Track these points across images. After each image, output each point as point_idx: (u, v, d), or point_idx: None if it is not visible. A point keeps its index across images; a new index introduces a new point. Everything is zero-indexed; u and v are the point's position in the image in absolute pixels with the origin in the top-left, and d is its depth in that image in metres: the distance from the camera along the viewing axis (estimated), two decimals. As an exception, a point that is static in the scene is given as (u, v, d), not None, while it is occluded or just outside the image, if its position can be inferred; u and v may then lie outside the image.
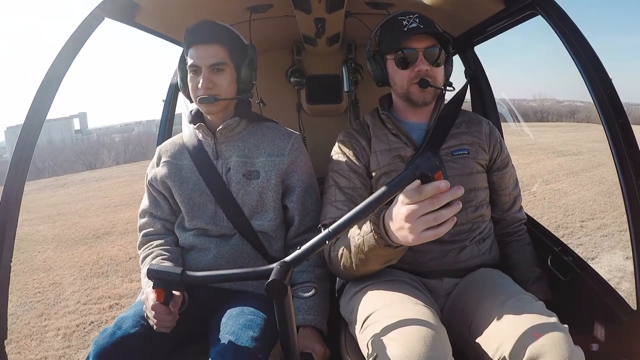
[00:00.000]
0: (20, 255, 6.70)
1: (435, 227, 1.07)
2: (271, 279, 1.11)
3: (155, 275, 1.30)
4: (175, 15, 2.11)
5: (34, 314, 4.53)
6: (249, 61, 1.74)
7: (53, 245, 7.28)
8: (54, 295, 5.01)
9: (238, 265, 1.70)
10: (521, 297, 1.36)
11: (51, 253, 6.81)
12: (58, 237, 7.86)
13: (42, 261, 6.42)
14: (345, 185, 1.72)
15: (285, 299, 1.13)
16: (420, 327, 1.18)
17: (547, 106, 52.09)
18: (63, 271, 5.82)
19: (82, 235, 7.73)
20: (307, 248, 1.18)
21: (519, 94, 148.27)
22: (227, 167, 1.75)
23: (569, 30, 1.45)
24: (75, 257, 6.39)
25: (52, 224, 9.15)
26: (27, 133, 1.51)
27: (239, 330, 1.45)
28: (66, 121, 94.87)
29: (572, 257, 1.79)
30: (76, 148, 43.77)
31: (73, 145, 53.69)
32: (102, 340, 1.45)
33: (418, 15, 1.65)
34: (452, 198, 1.05)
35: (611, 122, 1.35)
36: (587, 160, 10.68)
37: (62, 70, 1.58)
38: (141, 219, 1.89)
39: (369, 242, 1.28)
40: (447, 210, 1.05)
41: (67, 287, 5.22)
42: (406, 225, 1.11)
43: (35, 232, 8.50)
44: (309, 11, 2.00)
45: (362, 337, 1.34)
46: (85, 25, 1.61)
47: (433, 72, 1.64)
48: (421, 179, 1.13)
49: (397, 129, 1.74)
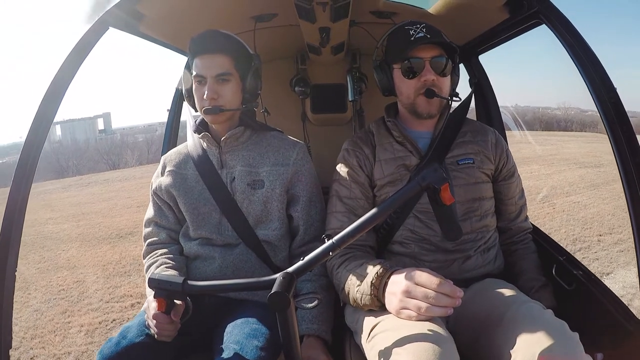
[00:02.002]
0: (45, 253, 6.87)
1: (413, 312, 1.22)
2: (273, 291, 1.11)
3: (156, 284, 1.30)
4: (180, 25, 2.12)
5: (58, 310, 4.63)
6: (254, 71, 1.73)
7: (77, 244, 7.38)
8: (78, 292, 5.10)
9: (242, 274, 1.70)
10: (531, 305, 1.34)
11: (75, 252, 6.90)
12: (82, 236, 7.98)
13: (66, 259, 6.52)
14: (346, 195, 1.73)
15: (288, 310, 1.13)
16: (428, 337, 1.17)
17: (571, 115, 51.19)
18: (86, 269, 5.91)
19: (106, 235, 7.83)
20: (310, 259, 1.18)
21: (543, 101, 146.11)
22: (231, 177, 1.75)
23: (573, 39, 1.45)
24: (98, 256, 6.49)
25: (76, 222, 9.30)
26: (31, 141, 1.52)
27: (243, 340, 1.45)
28: (90, 121, 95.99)
29: (577, 267, 1.79)
30: (100, 148, 44.11)
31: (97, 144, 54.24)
32: (108, 349, 1.46)
33: (425, 25, 1.65)
34: (451, 304, 1.16)
35: (616, 131, 1.35)
36: (609, 173, 10.50)
37: (66, 80, 1.58)
38: (146, 228, 1.89)
39: (365, 301, 1.39)
40: (437, 308, 1.18)
41: (91, 285, 5.32)
42: (398, 296, 1.24)
43: (60, 230, 8.65)
44: (313, 20, 2.00)
45: (369, 346, 1.33)
46: (89, 34, 1.62)
47: (439, 82, 1.64)
48: (427, 190, 1.17)
49: (403, 136, 1.74)
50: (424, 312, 1.19)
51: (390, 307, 1.29)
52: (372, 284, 1.34)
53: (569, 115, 51.13)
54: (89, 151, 43.54)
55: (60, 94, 1.57)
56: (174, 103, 2.83)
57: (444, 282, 1.18)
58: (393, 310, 1.28)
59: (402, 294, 1.23)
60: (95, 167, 34.03)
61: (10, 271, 1.46)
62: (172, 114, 2.82)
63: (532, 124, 36.17)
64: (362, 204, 1.72)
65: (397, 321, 1.27)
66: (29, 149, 1.51)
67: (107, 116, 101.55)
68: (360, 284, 1.41)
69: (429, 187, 1.18)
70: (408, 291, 1.22)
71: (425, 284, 1.20)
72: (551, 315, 1.27)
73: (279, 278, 1.14)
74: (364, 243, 1.69)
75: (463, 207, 1.68)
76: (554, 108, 63.69)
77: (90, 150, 44.59)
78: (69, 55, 1.58)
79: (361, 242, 1.68)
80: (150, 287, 1.31)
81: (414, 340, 1.17)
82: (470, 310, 1.47)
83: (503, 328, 1.28)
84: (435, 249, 1.66)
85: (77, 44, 1.59)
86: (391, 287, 1.29)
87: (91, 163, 36.82)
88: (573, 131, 34.07)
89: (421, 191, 1.20)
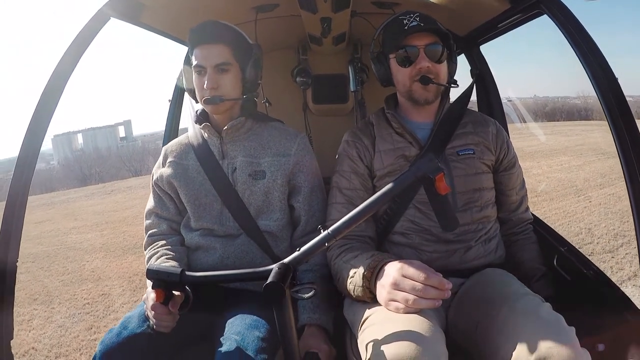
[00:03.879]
0: (69, 264, 6.79)
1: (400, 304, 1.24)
2: (269, 281, 1.12)
3: (154, 275, 1.31)
4: (181, 15, 2.12)
5: (83, 326, 4.49)
6: (254, 61, 1.74)
7: (101, 254, 7.27)
8: (103, 307, 4.96)
9: (244, 265, 1.70)
10: (528, 298, 1.35)
11: (99, 262, 6.79)
12: (106, 246, 7.86)
13: (90, 271, 6.41)
14: (345, 186, 1.74)
15: (284, 300, 1.14)
16: (413, 331, 1.18)
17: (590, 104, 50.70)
18: (112, 282, 5.78)
19: (130, 245, 7.71)
20: (306, 249, 1.20)
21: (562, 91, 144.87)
22: (233, 167, 1.76)
23: (574, 28, 1.45)
24: (124, 267, 6.37)
25: (100, 232, 9.20)
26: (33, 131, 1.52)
27: (245, 330, 1.45)
28: (111, 129, 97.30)
29: (578, 258, 1.81)
30: (122, 155, 44.85)
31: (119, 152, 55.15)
32: (109, 340, 1.46)
33: (419, 14, 1.67)
34: (439, 296, 1.18)
35: (617, 120, 1.35)
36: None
37: (69, 69, 1.59)
38: (147, 219, 1.91)
39: (357, 292, 1.42)
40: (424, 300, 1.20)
41: (116, 298, 5.18)
42: (387, 288, 1.26)
43: (84, 240, 8.57)
44: (314, 11, 2.01)
45: (361, 338, 1.34)
46: (91, 25, 1.63)
47: (435, 68, 1.65)
48: (422, 181, 1.20)
49: (402, 127, 1.75)
50: (411, 304, 1.20)
51: (380, 299, 1.32)
52: (364, 276, 1.37)
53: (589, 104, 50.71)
54: (111, 158, 44.20)
55: (62, 84, 1.58)
56: (175, 95, 2.85)
57: (432, 275, 1.19)
58: (382, 301, 1.30)
59: (391, 286, 1.25)
60: (118, 174, 34.50)
61: (11, 262, 1.46)
62: (173, 106, 2.83)
63: (554, 115, 35.77)
64: (362, 195, 1.73)
65: (387, 314, 1.28)
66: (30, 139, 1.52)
67: (128, 123, 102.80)
68: (353, 276, 1.44)
69: (424, 177, 1.20)
70: (396, 283, 1.24)
71: (413, 276, 1.21)
72: (548, 309, 1.28)
73: (275, 268, 1.15)
74: (362, 234, 1.71)
75: (463, 197, 1.69)
76: (573, 97, 63.25)
77: (112, 157, 45.27)
78: (70, 46, 1.59)
79: (360, 233, 1.70)
80: (148, 277, 1.32)
81: (403, 332, 1.18)
82: (469, 302, 1.49)
83: (500, 322, 1.29)
84: (436, 240, 1.67)
85: (78, 34, 1.61)
86: (381, 279, 1.31)
87: (114, 170, 37.36)
88: (594, 119, 33.67)
89: (416, 181, 1.22)
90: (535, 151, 13.40)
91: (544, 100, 59.52)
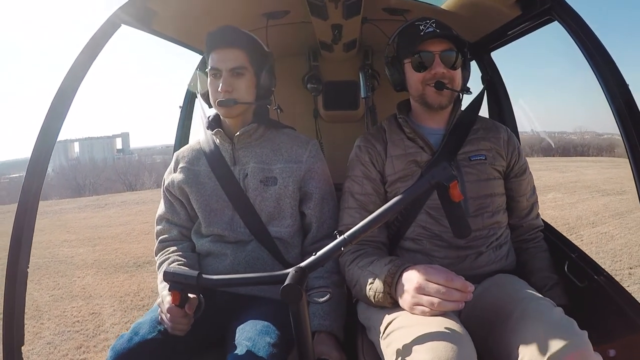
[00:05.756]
0: (59, 279, 6.73)
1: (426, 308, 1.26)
2: (286, 283, 1.12)
3: (171, 278, 1.31)
4: (192, 22, 2.14)
5: (73, 344, 4.44)
6: (268, 68, 1.75)
7: (93, 270, 7.19)
8: (94, 326, 4.89)
9: (254, 271, 1.70)
10: (540, 302, 1.35)
11: (91, 279, 6.71)
12: (98, 262, 7.78)
13: (81, 287, 6.34)
14: (358, 191, 1.74)
15: (301, 303, 1.14)
16: (446, 333, 1.19)
17: (587, 140, 51.06)
18: (103, 300, 5.70)
19: (123, 263, 7.63)
20: (322, 254, 1.20)
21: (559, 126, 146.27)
22: (244, 173, 1.76)
23: (585, 35, 1.44)
24: (115, 286, 6.30)
25: (92, 247, 9.13)
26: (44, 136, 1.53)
27: (256, 336, 1.45)
28: (109, 140, 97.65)
29: (589, 264, 1.79)
30: (117, 167, 44.77)
31: (114, 164, 55.03)
32: (120, 346, 1.46)
33: (435, 20, 1.67)
34: (462, 298, 1.20)
35: (628, 128, 1.34)
36: (631, 201, 10.31)
37: (80, 76, 1.59)
38: (158, 225, 1.90)
39: (378, 298, 1.42)
40: (449, 303, 1.21)
41: (107, 318, 5.11)
42: (411, 293, 1.27)
43: (75, 254, 8.49)
44: (325, 17, 2.02)
45: (385, 343, 1.34)
46: (102, 31, 1.63)
47: (450, 74, 1.66)
48: (436, 188, 1.20)
49: (414, 132, 1.75)
50: (436, 307, 1.22)
51: (403, 303, 1.32)
52: (385, 282, 1.38)
53: (585, 140, 51.02)
54: (107, 170, 44.15)
55: (73, 91, 1.58)
56: (186, 101, 2.84)
57: (455, 278, 1.22)
58: (406, 306, 1.31)
59: (415, 290, 1.27)
60: (112, 187, 34.42)
61: (22, 268, 1.47)
62: (184, 112, 2.83)
63: (549, 150, 36.15)
64: (374, 200, 1.74)
65: (412, 318, 1.29)
66: (42, 142, 1.52)
67: (126, 136, 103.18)
68: (372, 282, 1.44)
69: (438, 184, 1.21)
70: (421, 287, 1.26)
71: (437, 280, 1.23)
72: (560, 313, 1.28)
73: (292, 272, 1.16)
74: (375, 239, 1.71)
75: (475, 203, 1.69)
76: (569, 132, 63.68)
77: (108, 169, 45.20)
78: (81, 53, 1.59)
79: (373, 238, 1.70)
80: (165, 280, 1.33)
81: (432, 336, 1.19)
82: (481, 306, 1.49)
83: (512, 325, 1.29)
84: (447, 245, 1.67)
85: (89, 41, 1.61)
86: (404, 285, 1.32)
87: (108, 183, 37.27)
88: (590, 156, 33.90)
89: (431, 188, 1.22)
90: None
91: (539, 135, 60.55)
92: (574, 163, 22.37)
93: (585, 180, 14.66)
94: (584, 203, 10.89)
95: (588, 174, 16.52)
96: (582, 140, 51.85)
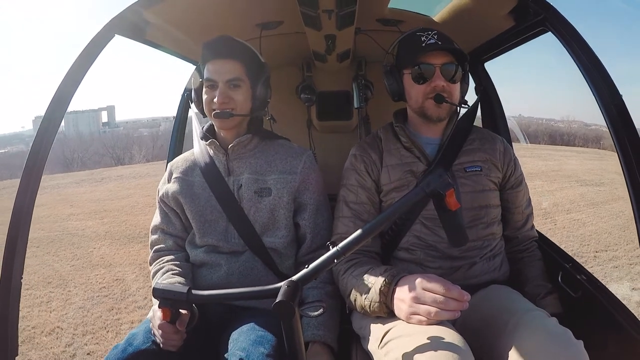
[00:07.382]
0: (76, 250, 6.90)
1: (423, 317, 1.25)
2: (278, 299, 1.11)
3: (161, 294, 1.29)
4: (186, 33, 2.12)
5: (104, 307, 4.64)
6: (265, 79, 1.75)
7: (107, 242, 7.37)
8: (120, 290, 5.12)
9: (249, 282, 1.69)
10: (535, 312, 1.35)
11: (107, 249, 6.89)
12: (110, 234, 7.95)
13: (99, 257, 6.52)
14: (352, 200, 1.73)
15: (293, 318, 1.12)
16: (444, 342, 1.19)
17: (574, 129, 50.92)
18: (124, 268, 5.92)
19: (134, 234, 7.84)
20: (315, 267, 1.18)
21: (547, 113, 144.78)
22: (238, 184, 1.75)
23: (578, 46, 1.45)
24: (132, 255, 6.49)
25: (100, 220, 9.29)
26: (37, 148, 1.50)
27: (249, 347, 1.43)
28: (94, 113, 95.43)
29: (583, 274, 1.78)
30: (105, 141, 44.12)
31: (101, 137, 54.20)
32: (114, 356, 1.45)
33: (437, 32, 1.67)
34: (459, 307, 1.20)
35: (621, 138, 1.35)
36: (608, 193, 10.68)
37: (72, 86, 1.58)
38: (153, 235, 1.89)
39: (373, 308, 1.42)
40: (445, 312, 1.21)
41: (131, 283, 5.33)
42: (408, 302, 1.27)
43: (85, 227, 8.65)
44: (319, 28, 2.00)
45: (382, 352, 1.33)
46: (95, 42, 1.61)
47: (449, 87, 1.65)
48: (432, 196, 1.17)
49: (411, 142, 1.74)
50: (433, 316, 1.21)
51: (399, 313, 1.31)
52: (381, 291, 1.37)
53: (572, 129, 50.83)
54: (94, 144, 43.50)
55: (66, 100, 1.57)
56: (180, 109, 2.83)
57: (451, 287, 1.21)
58: (403, 316, 1.30)
59: (412, 299, 1.26)
60: (101, 160, 33.96)
61: (16, 277, 1.44)
62: (178, 120, 2.81)
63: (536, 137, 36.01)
64: (369, 209, 1.73)
65: (409, 327, 1.28)
66: (35, 155, 1.50)
67: (112, 109, 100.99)
68: (367, 292, 1.43)
69: (434, 193, 1.19)
70: (417, 297, 1.25)
71: (433, 289, 1.23)
72: (555, 323, 1.29)
73: (284, 286, 1.14)
74: (369, 249, 1.69)
75: (469, 214, 1.68)
76: (557, 120, 63.77)
77: (95, 143, 44.52)
78: (75, 62, 1.58)
79: (367, 248, 1.68)
80: (154, 296, 1.31)
81: (432, 345, 1.18)
82: (476, 317, 1.47)
83: (506, 336, 1.29)
84: (441, 256, 1.66)
85: (83, 50, 1.59)
86: (399, 294, 1.32)
87: (96, 157, 36.74)
88: (575, 146, 34.06)
89: (426, 197, 1.21)
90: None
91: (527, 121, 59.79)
92: (558, 152, 22.61)
93: (566, 170, 14.96)
94: (562, 191, 11.20)
95: (570, 164, 16.80)
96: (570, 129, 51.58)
